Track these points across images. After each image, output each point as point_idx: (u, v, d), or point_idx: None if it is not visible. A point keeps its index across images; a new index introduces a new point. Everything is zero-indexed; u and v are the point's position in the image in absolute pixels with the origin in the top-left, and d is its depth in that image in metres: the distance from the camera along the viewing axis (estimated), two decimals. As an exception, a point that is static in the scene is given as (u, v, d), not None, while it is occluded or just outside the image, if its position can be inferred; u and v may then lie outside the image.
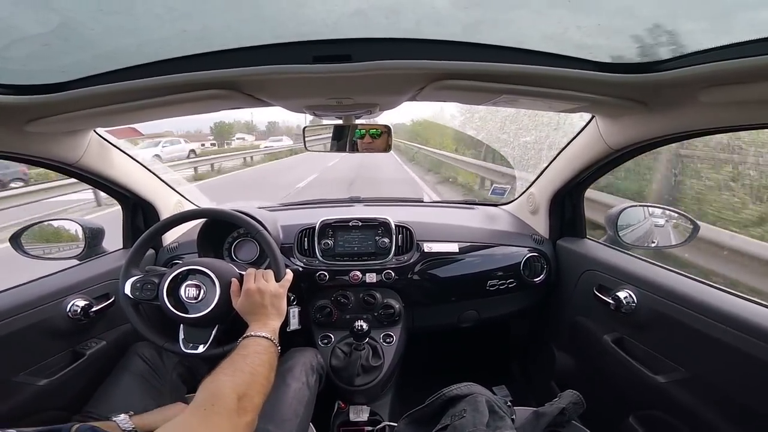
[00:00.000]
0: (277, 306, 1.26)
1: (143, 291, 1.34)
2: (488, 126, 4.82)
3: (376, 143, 1.58)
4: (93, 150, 1.49)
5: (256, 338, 1.11)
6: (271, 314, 1.23)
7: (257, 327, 1.17)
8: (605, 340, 1.53)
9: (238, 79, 1.01)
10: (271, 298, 1.25)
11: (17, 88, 1.00)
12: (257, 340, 1.11)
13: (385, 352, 1.76)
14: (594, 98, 1.10)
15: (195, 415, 0.84)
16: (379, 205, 2.46)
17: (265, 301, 1.24)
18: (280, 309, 1.27)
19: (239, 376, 0.95)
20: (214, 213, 1.63)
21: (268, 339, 1.12)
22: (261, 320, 1.20)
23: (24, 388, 1.30)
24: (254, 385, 0.95)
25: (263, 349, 1.08)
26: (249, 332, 1.14)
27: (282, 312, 1.27)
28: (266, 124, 70.73)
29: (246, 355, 1.04)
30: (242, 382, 0.93)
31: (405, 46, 0.95)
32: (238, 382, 0.93)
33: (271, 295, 1.26)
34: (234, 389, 0.90)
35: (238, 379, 0.94)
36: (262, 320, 1.20)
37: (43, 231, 1.75)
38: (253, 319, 1.21)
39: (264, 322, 1.19)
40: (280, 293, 1.29)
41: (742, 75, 0.83)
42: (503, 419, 1.13)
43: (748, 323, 1.07)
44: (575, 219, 1.91)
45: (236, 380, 0.93)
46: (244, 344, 1.10)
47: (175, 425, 0.82)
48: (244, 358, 1.02)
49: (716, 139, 4.46)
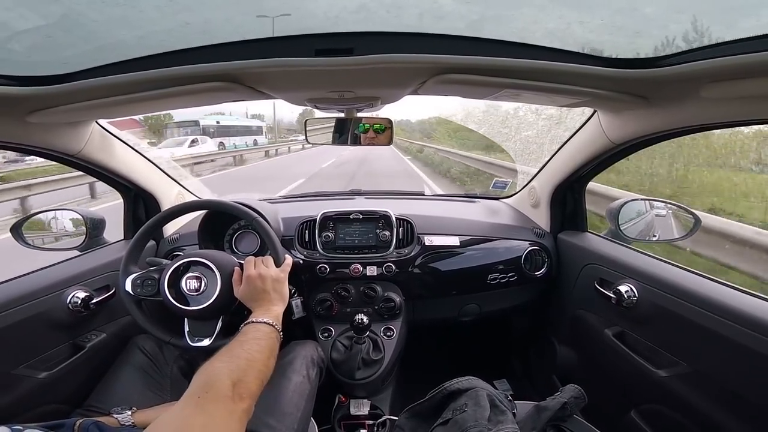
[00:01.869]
0: (279, 290, 1.26)
1: (144, 287, 1.33)
2: (490, 119, 4.80)
3: (379, 136, 1.57)
4: (95, 141, 1.49)
5: (256, 324, 1.11)
6: (274, 299, 1.22)
7: (260, 313, 1.16)
8: (606, 334, 1.54)
9: (240, 72, 1.00)
10: (273, 282, 1.25)
11: (20, 79, 1.00)
12: (257, 326, 1.10)
13: (386, 345, 1.76)
14: (596, 93, 1.10)
15: (189, 403, 0.83)
16: (380, 198, 2.45)
17: (266, 287, 1.23)
18: (282, 294, 1.26)
19: (234, 362, 0.94)
20: (212, 204, 1.63)
21: (269, 324, 1.12)
22: (264, 306, 1.19)
23: (23, 381, 1.29)
24: (250, 371, 0.94)
25: (263, 334, 1.08)
26: (251, 318, 1.14)
27: (285, 297, 1.27)
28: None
29: (243, 341, 1.03)
30: (237, 367, 0.92)
31: (407, 40, 0.95)
32: (233, 368, 0.91)
33: (273, 279, 1.25)
34: (228, 375, 0.88)
35: (233, 365, 0.92)
36: (265, 306, 1.19)
37: (45, 221, 1.74)
38: (256, 305, 1.21)
39: (267, 308, 1.19)
40: (281, 278, 1.29)
41: (744, 70, 0.83)
42: (504, 413, 1.13)
43: (749, 317, 1.07)
44: (576, 213, 1.91)
45: (231, 366, 0.92)
46: (244, 330, 1.09)
47: (171, 415, 0.81)
48: (242, 344, 1.01)
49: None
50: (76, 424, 0.86)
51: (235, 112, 30.06)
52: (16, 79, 1.00)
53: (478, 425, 1.06)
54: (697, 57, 0.87)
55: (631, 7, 0.83)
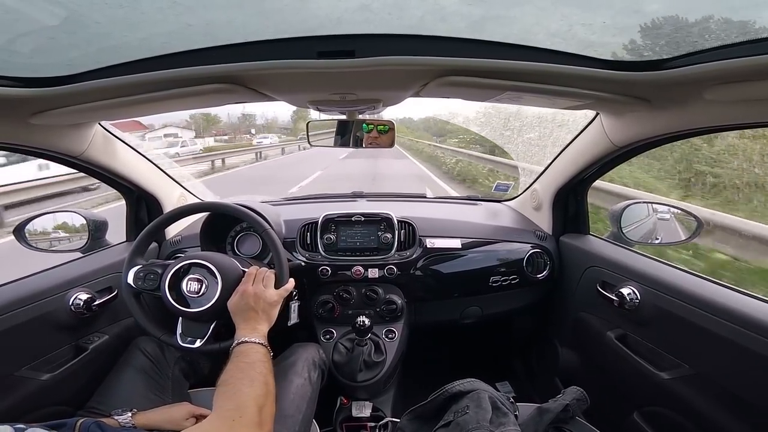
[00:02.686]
0: (268, 313, 1.23)
1: (146, 281, 1.33)
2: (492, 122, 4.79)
3: (381, 138, 1.57)
4: (97, 143, 1.49)
5: (253, 345, 1.10)
6: (261, 319, 1.20)
7: (246, 331, 1.14)
8: (609, 337, 1.53)
9: (242, 74, 1.01)
10: (265, 305, 1.22)
11: (23, 80, 1.00)
12: (255, 347, 1.09)
13: (388, 347, 1.75)
14: (599, 96, 1.10)
15: (225, 424, 0.88)
16: (382, 200, 2.45)
17: (257, 307, 1.20)
18: (270, 316, 1.24)
19: (257, 387, 0.97)
20: (219, 207, 1.62)
21: (264, 346, 1.11)
22: (250, 324, 1.18)
23: (26, 383, 1.29)
24: (269, 396, 0.98)
25: (263, 356, 1.08)
26: (241, 337, 1.12)
27: (272, 320, 1.24)
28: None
29: (252, 363, 1.03)
30: (261, 393, 0.96)
31: (409, 42, 0.95)
32: (259, 394, 0.95)
33: (266, 302, 1.22)
34: (255, 401, 0.93)
35: (258, 391, 0.96)
36: (251, 324, 1.18)
37: (47, 223, 1.74)
38: (241, 320, 1.19)
39: (253, 327, 1.17)
40: (275, 302, 1.26)
41: (748, 73, 0.83)
42: (506, 415, 1.13)
43: (752, 320, 1.07)
44: (578, 215, 1.91)
45: (256, 392, 0.95)
46: (244, 351, 1.08)
47: (206, 430, 0.88)
48: (252, 367, 1.02)
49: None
50: (77, 423, 0.86)
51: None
52: (19, 80, 1.00)
53: (480, 427, 1.06)
54: (700, 60, 0.87)
55: (634, 9, 0.83)
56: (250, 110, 63.19)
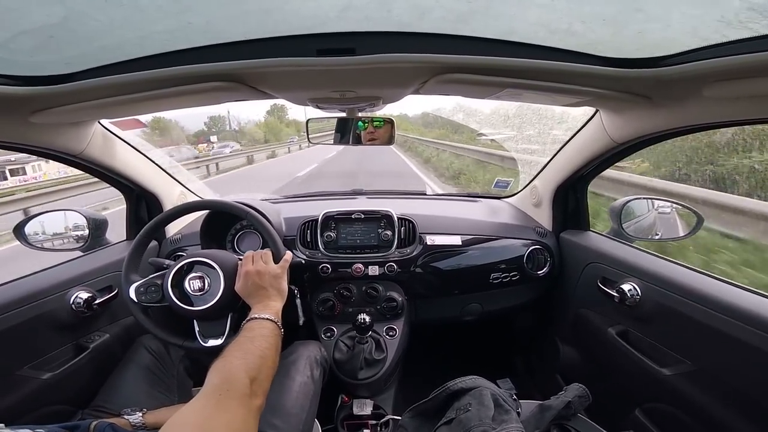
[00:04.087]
0: (278, 286, 1.26)
1: (148, 294, 1.33)
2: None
3: (379, 134, 1.57)
4: (97, 141, 1.50)
5: (261, 320, 1.11)
6: (272, 295, 1.23)
7: (259, 309, 1.17)
8: (610, 333, 1.53)
9: (242, 72, 1.01)
10: (271, 278, 1.25)
11: (22, 79, 1.00)
12: (262, 323, 1.11)
13: (388, 345, 1.76)
14: (598, 93, 1.10)
15: (210, 399, 0.84)
16: (382, 198, 2.45)
17: (264, 283, 1.24)
18: (280, 289, 1.27)
19: (250, 359, 0.95)
20: (212, 204, 1.63)
21: (272, 321, 1.12)
22: (262, 302, 1.20)
23: (28, 382, 1.30)
24: (264, 369, 0.96)
25: (269, 331, 1.08)
26: (252, 314, 1.14)
27: (283, 292, 1.27)
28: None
29: (252, 338, 1.04)
30: (254, 365, 0.94)
31: (409, 39, 0.95)
32: (251, 366, 0.93)
33: (271, 275, 1.26)
34: (247, 372, 0.90)
35: (250, 363, 0.94)
36: (264, 302, 1.20)
37: (47, 222, 1.74)
38: (255, 301, 1.21)
39: (265, 304, 1.19)
40: (279, 273, 1.29)
41: (747, 70, 0.83)
42: (509, 413, 1.13)
43: (753, 315, 1.07)
44: (579, 211, 1.91)
45: (248, 363, 0.94)
46: (249, 326, 1.09)
47: (190, 414, 0.81)
48: (251, 341, 1.02)
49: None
50: (92, 425, 0.86)
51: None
52: (18, 78, 1.00)
53: (482, 424, 1.06)
54: (700, 57, 0.87)
55: (634, 7, 0.83)
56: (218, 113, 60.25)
